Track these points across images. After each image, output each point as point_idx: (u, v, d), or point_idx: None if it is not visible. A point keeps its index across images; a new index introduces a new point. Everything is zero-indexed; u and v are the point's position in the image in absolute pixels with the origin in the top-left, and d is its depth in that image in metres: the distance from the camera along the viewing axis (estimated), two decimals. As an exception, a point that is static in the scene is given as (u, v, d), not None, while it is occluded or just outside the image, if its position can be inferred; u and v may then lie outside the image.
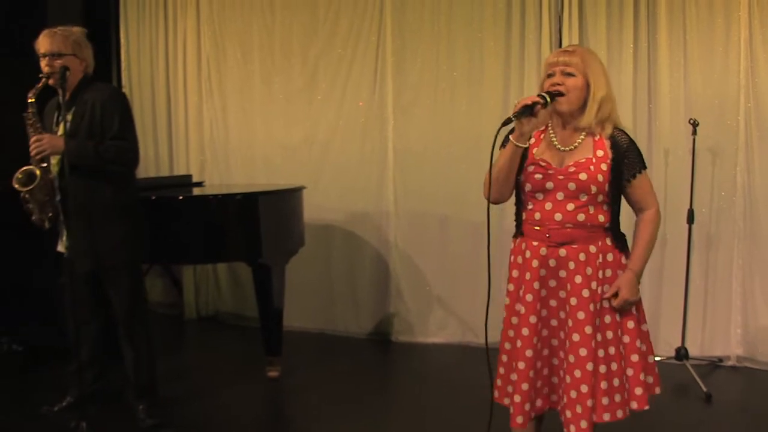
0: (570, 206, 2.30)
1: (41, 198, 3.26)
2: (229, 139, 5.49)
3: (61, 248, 3.42)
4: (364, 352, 4.83)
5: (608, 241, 2.35)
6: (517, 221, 2.46)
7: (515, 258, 2.44)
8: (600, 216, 2.32)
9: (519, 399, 2.34)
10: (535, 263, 2.35)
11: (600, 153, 2.30)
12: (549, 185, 2.31)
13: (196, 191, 4.75)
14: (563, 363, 2.34)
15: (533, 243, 2.36)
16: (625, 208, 2.43)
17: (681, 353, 4.08)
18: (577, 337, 2.29)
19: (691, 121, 4.02)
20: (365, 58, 5.00)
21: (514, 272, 2.44)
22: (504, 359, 2.46)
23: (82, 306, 3.45)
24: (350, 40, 5.04)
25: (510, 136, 2.28)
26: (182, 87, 5.60)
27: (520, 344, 2.35)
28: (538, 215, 2.34)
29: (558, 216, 2.31)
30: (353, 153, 5.07)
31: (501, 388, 2.48)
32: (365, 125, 5.03)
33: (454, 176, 4.67)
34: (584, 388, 2.27)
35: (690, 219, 4.06)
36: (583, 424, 2.27)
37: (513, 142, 2.27)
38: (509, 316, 2.44)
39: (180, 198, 4.09)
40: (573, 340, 2.29)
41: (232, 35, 5.41)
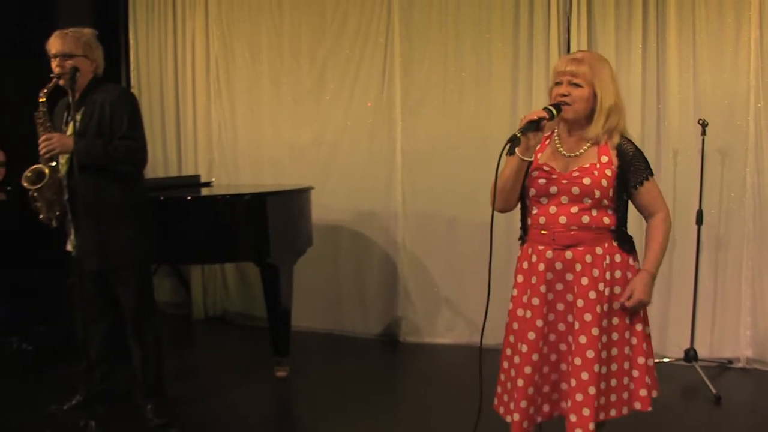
0: (574, 209, 2.30)
1: (49, 197, 3.28)
2: (238, 140, 5.51)
3: (70, 247, 3.44)
4: (372, 353, 4.83)
5: (615, 243, 2.34)
6: (523, 227, 2.47)
7: (521, 264, 2.45)
8: (605, 218, 2.32)
9: (525, 404, 2.33)
10: (542, 267, 2.35)
11: (604, 159, 2.31)
12: (553, 189, 2.32)
13: (205, 191, 4.76)
14: (570, 366, 2.33)
15: (539, 247, 2.37)
16: (633, 211, 2.42)
17: (690, 355, 4.06)
18: (584, 339, 2.28)
19: (701, 122, 4.01)
20: (373, 59, 5.00)
21: (519, 277, 2.44)
22: (505, 365, 2.46)
23: (91, 305, 3.47)
24: (358, 41, 5.04)
25: (516, 149, 2.26)
26: (191, 87, 5.62)
27: (526, 349, 2.35)
28: (543, 219, 2.35)
29: (563, 219, 2.31)
30: (361, 153, 5.08)
31: (499, 397, 2.48)
32: (373, 126, 5.03)
33: (463, 177, 4.67)
34: (591, 390, 2.26)
35: (699, 220, 4.05)
36: (591, 426, 2.26)
37: (519, 156, 2.26)
38: (511, 322, 2.44)
39: (188, 198, 4.10)
40: (580, 342, 2.29)
41: (241, 36, 5.43)
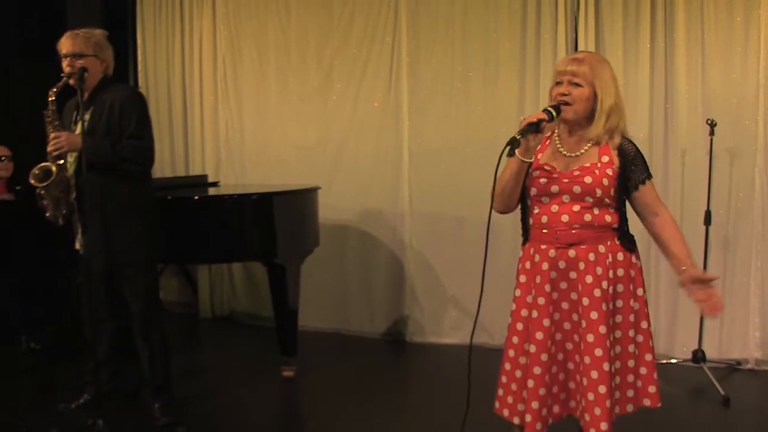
0: (576, 207, 2.30)
1: (56, 195, 3.30)
2: (245, 139, 5.51)
3: (78, 247, 3.45)
4: (379, 353, 4.83)
5: (617, 241, 2.35)
6: (524, 227, 2.46)
7: (523, 264, 2.44)
8: (607, 216, 2.32)
9: (537, 405, 2.32)
10: (545, 266, 2.34)
11: (605, 159, 2.31)
12: (554, 189, 2.32)
13: (212, 191, 4.77)
14: (579, 366, 2.33)
15: (542, 246, 2.36)
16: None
17: (698, 356, 4.05)
18: (592, 338, 2.28)
19: (709, 122, 3.99)
20: (380, 59, 5.00)
21: (522, 278, 2.43)
22: (507, 367, 2.44)
23: (99, 305, 3.48)
24: (365, 41, 5.05)
25: (516, 151, 2.26)
26: (198, 87, 5.63)
27: (534, 349, 2.34)
28: (545, 218, 2.35)
29: (565, 217, 2.31)
30: (368, 153, 5.08)
31: (502, 399, 2.46)
32: (380, 125, 5.03)
33: (470, 177, 4.67)
34: (602, 389, 2.25)
35: (707, 220, 4.03)
36: (604, 426, 2.25)
37: (519, 158, 2.26)
38: (515, 322, 2.43)
39: (195, 198, 4.11)
40: (588, 341, 2.28)
41: (248, 35, 5.44)
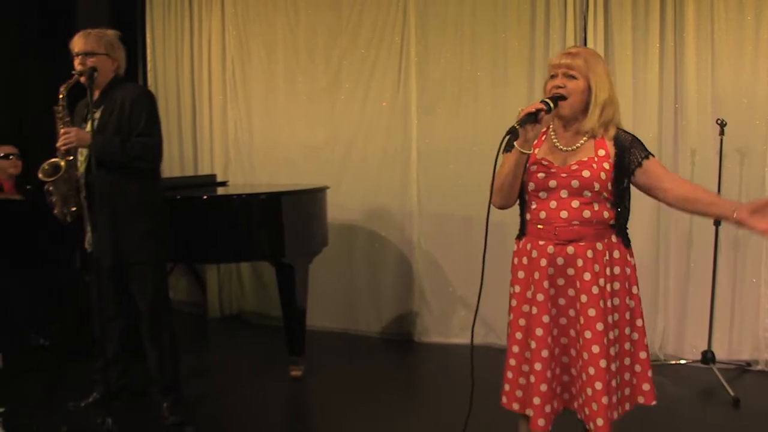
0: (575, 203, 2.31)
1: (64, 191, 3.31)
2: (253, 139, 5.53)
3: (87, 245, 3.46)
4: (387, 353, 4.83)
5: (614, 238, 2.36)
6: (522, 223, 2.46)
7: (520, 259, 2.44)
8: (605, 213, 2.33)
9: (539, 401, 2.33)
10: (544, 262, 2.35)
11: (602, 152, 2.32)
12: (552, 183, 2.32)
13: (220, 191, 4.78)
14: (577, 360, 2.34)
15: (539, 242, 2.36)
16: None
17: (707, 357, 4.03)
18: (589, 335, 2.29)
19: (719, 122, 3.97)
20: (389, 59, 5.00)
21: (520, 273, 2.43)
22: (512, 363, 2.45)
23: (108, 303, 3.50)
24: (374, 41, 5.05)
25: (515, 143, 2.27)
26: (207, 87, 5.65)
27: (535, 345, 2.34)
28: (544, 214, 2.35)
29: (564, 213, 2.32)
30: (376, 153, 5.08)
31: (509, 394, 2.46)
32: (388, 125, 5.03)
33: (478, 176, 4.65)
34: (599, 385, 2.27)
35: (717, 221, 4.01)
36: (600, 422, 2.27)
37: (518, 149, 2.26)
38: (517, 318, 2.43)
39: (204, 198, 4.12)
40: (585, 338, 2.30)
41: (257, 35, 5.45)
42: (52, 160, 3.27)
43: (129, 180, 3.29)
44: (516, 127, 2.21)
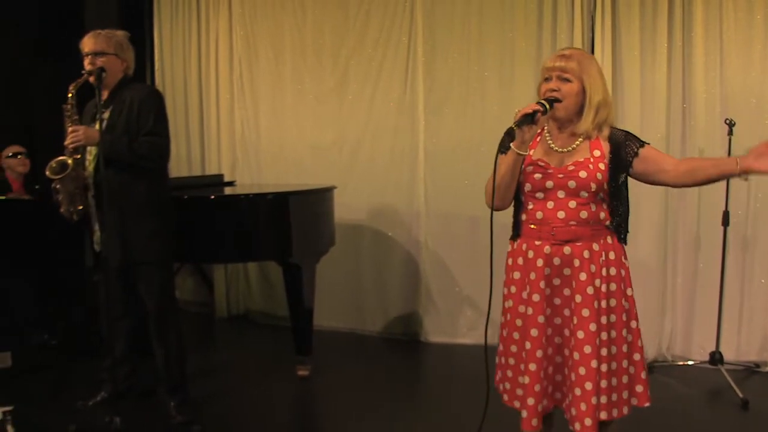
0: (572, 204, 2.31)
1: (71, 189, 3.33)
2: (261, 139, 5.54)
3: (95, 245, 3.47)
4: (394, 353, 4.83)
5: (609, 240, 2.36)
6: (516, 223, 2.46)
7: (515, 259, 2.44)
8: (601, 213, 2.34)
9: (533, 402, 2.33)
10: (540, 262, 2.35)
11: (597, 153, 2.32)
12: (549, 184, 2.33)
13: (228, 191, 4.79)
14: (568, 360, 2.34)
15: (536, 242, 2.36)
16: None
17: (715, 358, 4.01)
18: (582, 335, 2.29)
19: (728, 121, 3.95)
20: (396, 59, 5.00)
21: (516, 274, 2.43)
22: (511, 362, 2.45)
23: (116, 303, 3.51)
24: (381, 41, 5.04)
25: (511, 144, 2.28)
26: (214, 87, 5.66)
27: (530, 346, 2.34)
28: (540, 214, 2.35)
29: (561, 214, 2.32)
30: (384, 153, 5.08)
31: (510, 392, 2.47)
32: (396, 125, 5.03)
33: (485, 176, 4.57)
34: (588, 386, 2.27)
35: (725, 221, 3.99)
36: (588, 422, 2.27)
37: (515, 150, 2.27)
38: (513, 318, 2.43)
39: (211, 197, 4.13)
40: (578, 338, 2.30)
41: (264, 35, 5.46)
42: (60, 158, 3.29)
43: (137, 179, 3.30)
44: (513, 128, 2.22)
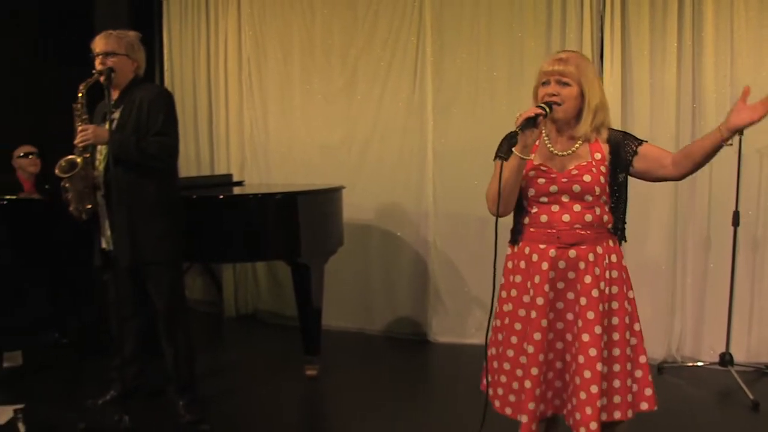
0: (576, 207, 2.31)
1: (80, 188, 3.34)
2: (269, 139, 5.54)
3: (104, 245, 3.49)
4: (402, 353, 4.82)
5: (611, 243, 2.37)
6: (518, 227, 2.44)
7: (517, 263, 2.42)
8: (605, 216, 2.35)
9: (533, 406, 2.32)
10: (545, 266, 2.33)
11: (598, 156, 2.33)
12: (553, 188, 2.33)
13: (237, 191, 4.80)
14: (570, 365, 2.33)
15: (540, 246, 2.35)
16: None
17: (726, 359, 3.99)
18: (587, 338, 2.28)
19: (738, 122, 3.93)
20: (405, 59, 5.00)
21: (517, 278, 2.41)
22: (506, 367, 2.42)
23: (125, 302, 3.52)
24: (390, 41, 5.04)
25: (513, 149, 2.25)
26: (223, 87, 5.67)
27: (533, 350, 2.32)
28: (545, 218, 2.34)
29: (566, 217, 2.32)
30: (392, 153, 5.08)
31: (503, 398, 2.44)
32: (404, 125, 5.03)
33: (494, 177, 4.64)
34: (594, 389, 2.26)
35: (735, 221, 3.97)
36: (593, 426, 2.25)
37: (517, 155, 2.26)
38: (512, 322, 2.41)
39: (220, 197, 4.14)
40: (583, 341, 2.28)
41: (273, 36, 5.47)
42: (69, 157, 3.30)
43: (146, 179, 3.32)
44: (518, 132, 2.21)
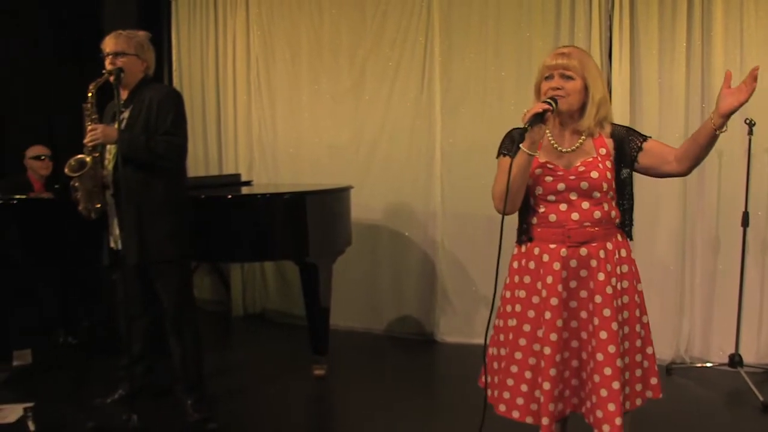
0: (585, 204, 2.30)
1: (89, 187, 3.36)
2: (277, 139, 5.55)
3: (113, 244, 3.50)
4: (409, 352, 4.83)
5: (619, 237, 2.37)
6: (525, 227, 2.41)
7: (525, 263, 2.39)
8: (612, 212, 2.35)
9: (553, 407, 2.30)
10: (557, 265, 2.31)
11: (603, 151, 2.33)
12: (561, 186, 2.31)
13: (245, 190, 4.81)
14: (587, 363, 2.31)
15: (550, 246, 2.33)
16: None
17: (735, 360, 3.97)
18: (605, 335, 2.27)
19: (747, 121, 3.91)
20: (413, 59, 5.00)
21: (526, 278, 2.39)
22: (513, 370, 2.39)
23: (134, 301, 3.54)
24: (398, 41, 5.05)
25: (521, 145, 2.25)
26: (231, 87, 5.68)
27: (549, 351, 2.30)
28: (554, 217, 2.33)
29: (575, 215, 2.31)
30: (400, 153, 5.08)
31: (509, 402, 2.41)
32: (412, 125, 5.03)
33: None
34: (616, 385, 2.25)
35: (745, 222, 3.95)
36: (618, 421, 2.24)
37: (525, 151, 2.25)
38: (521, 324, 2.39)
39: (228, 197, 4.15)
40: (601, 338, 2.27)
41: (281, 35, 5.48)
42: (79, 156, 3.32)
43: (154, 179, 3.33)
44: (527, 128, 2.20)
